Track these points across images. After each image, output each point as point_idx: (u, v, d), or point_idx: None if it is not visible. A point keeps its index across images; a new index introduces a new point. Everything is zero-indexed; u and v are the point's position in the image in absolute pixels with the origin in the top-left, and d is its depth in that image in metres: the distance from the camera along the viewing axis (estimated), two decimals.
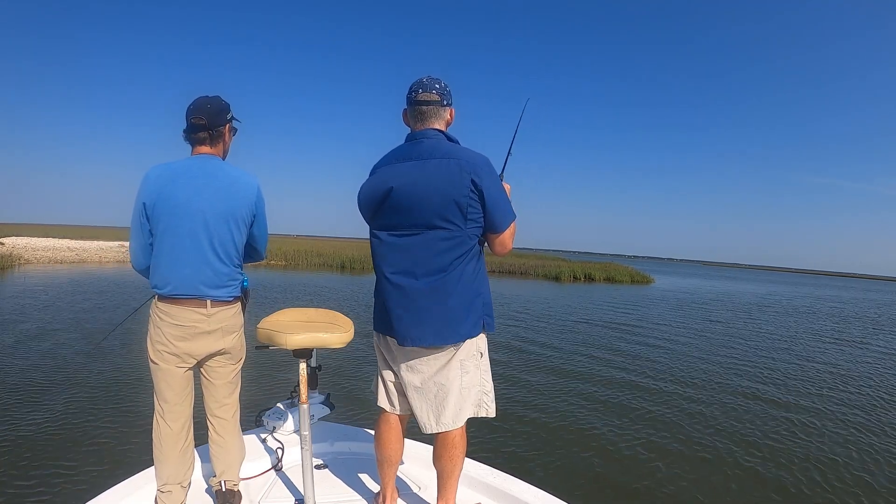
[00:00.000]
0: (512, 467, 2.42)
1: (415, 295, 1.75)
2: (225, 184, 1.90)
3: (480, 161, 1.75)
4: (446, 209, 1.69)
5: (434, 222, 1.71)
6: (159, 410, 1.94)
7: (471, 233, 1.73)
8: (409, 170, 1.76)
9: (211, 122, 1.92)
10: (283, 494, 2.16)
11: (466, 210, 1.69)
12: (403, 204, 1.75)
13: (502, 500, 2.11)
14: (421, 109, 1.81)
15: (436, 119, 1.83)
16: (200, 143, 1.95)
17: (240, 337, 2.04)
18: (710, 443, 5.01)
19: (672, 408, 6.09)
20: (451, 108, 1.88)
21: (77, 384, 5.57)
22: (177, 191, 1.83)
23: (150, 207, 1.83)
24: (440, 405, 1.79)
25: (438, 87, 1.80)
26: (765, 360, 9.40)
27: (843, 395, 7.24)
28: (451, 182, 1.68)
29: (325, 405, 2.74)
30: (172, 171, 1.87)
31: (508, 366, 7.60)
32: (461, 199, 1.68)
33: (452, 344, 1.77)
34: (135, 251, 1.92)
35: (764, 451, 4.87)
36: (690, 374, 7.93)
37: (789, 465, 4.58)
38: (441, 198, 1.69)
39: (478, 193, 1.69)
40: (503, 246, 1.81)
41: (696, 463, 4.51)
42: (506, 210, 1.77)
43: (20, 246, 23.79)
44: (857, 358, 10.46)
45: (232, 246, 1.92)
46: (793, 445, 5.09)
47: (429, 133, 1.81)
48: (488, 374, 1.89)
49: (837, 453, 4.95)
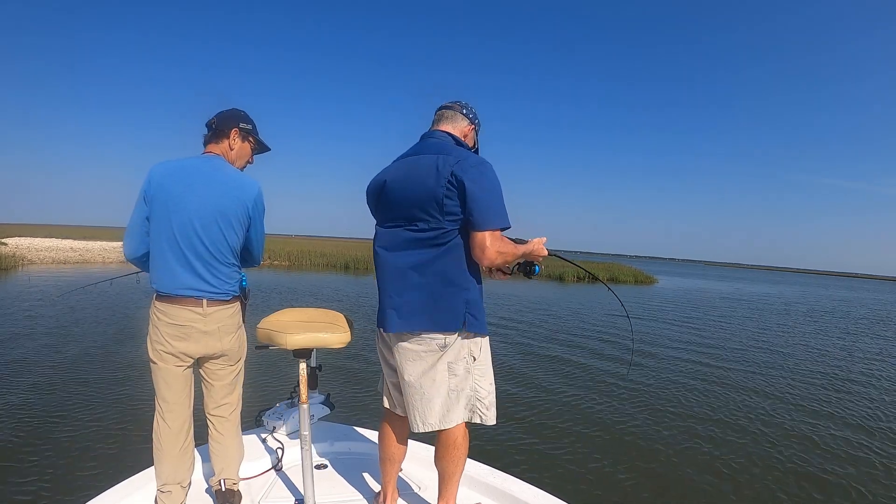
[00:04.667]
0: (512, 467, 2.42)
1: (394, 283, 1.80)
2: (221, 183, 1.91)
3: (472, 159, 1.75)
4: (425, 201, 1.73)
5: (415, 214, 1.76)
6: (159, 410, 1.95)
7: (449, 227, 1.73)
8: (404, 165, 1.83)
9: (218, 124, 2.01)
10: (283, 494, 2.17)
11: (443, 202, 1.70)
12: (393, 197, 1.82)
13: (502, 500, 2.11)
14: (438, 113, 1.96)
15: (449, 122, 1.92)
16: (207, 141, 2.03)
17: (239, 337, 2.04)
18: (711, 443, 5.00)
19: (673, 408, 6.07)
20: (471, 125, 1.96)
21: (77, 384, 5.58)
22: (173, 185, 1.86)
23: (149, 200, 1.87)
24: (426, 405, 1.78)
25: (461, 103, 1.96)
26: (771, 359, 9.37)
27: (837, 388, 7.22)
28: (433, 174, 1.72)
29: (325, 405, 2.74)
30: (173, 167, 1.90)
31: (510, 365, 7.59)
32: (438, 191, 1.70)
33: (428, 332, 1.75)
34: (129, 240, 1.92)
35: (771, 449, 4.87)
36: (693, 374, 7.91)
37: (806, 468, 4.57)
38: (422, 190, 1.73)
39: (457, 186, 1.69)
40: (481, 249, 1.70)
41: (696, 463, 4.50)
42: (487, 210, 1.70)
43: (23, 246, 23.89)
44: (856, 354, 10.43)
45: (224, 244, 1.91)
46: (815, 454, 5.08)
47: (436, 134, 1.89)
48: (484, 379, 1.84)
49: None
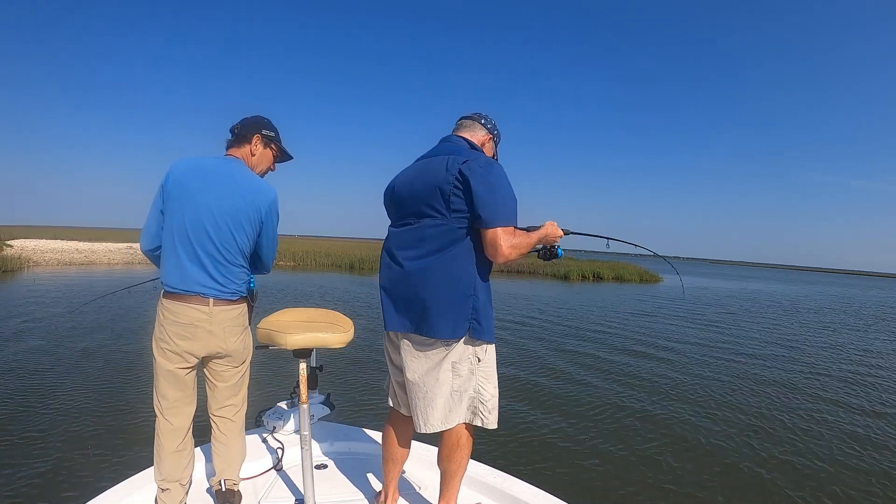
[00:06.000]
0: (512, 467, 2.41)
1: (399, 281, 1.81)
2: (237, 184, 1.93)
3: (481, 159, 1.76)
4: (432, 197, 1.75)
5: (423, 210, 1.78)
6: (158, 407, 1.95)
7: (456, 224, 1.73)
8: (418, 166, 1.87)
9: (241, 129, 2.05)
10: (283, 494, 2.17)
11: (450, 199, 1.72)
12: (403, 194, 1.86)
13: (502, 500, 2.11)
14: (459, 122, 2.02)
15: (467, 130, 1.97)
16: (229, 146, 2.08)
17: (244, 339, 2.04)
18: (712, 442, 4.97)
19: (676, 409, 6.05)
20: (490, 135, 2.00)
21: (78, 384, 5.61)
22: (190, 181, 1.88)
23: (166, 193, 1.89)
24: (429, 405, 1.78)
25: (481, 114, 2.01)
26: (776, 359, 9.32)
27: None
28: (441, 172, 1.75)
29: (325, 405, 2.74)
30: (193, 164, 1.94)
31: (512, 365, 7.58)
32: (445, 187, 1.73)
33: (432, 337, 1.75)
34: (146, 232, 1.95)
35: (771, 448, 4.84)
36: (693, 374, 7.88)
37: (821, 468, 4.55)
38: (430, 187, 1.76)
39: (464, 184, 1.71)
40: (493, 247, 1.71)
41: (697, 463, 4.48)
42: (496, 207, 1.70)
43: (29, 248, 23.96)
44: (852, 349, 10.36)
45: (234, 244, 1.92)
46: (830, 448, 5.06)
47: (453, 138, 1.94)
48: (488, 382, 1.83)
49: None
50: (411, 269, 1.77)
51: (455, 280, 1.73)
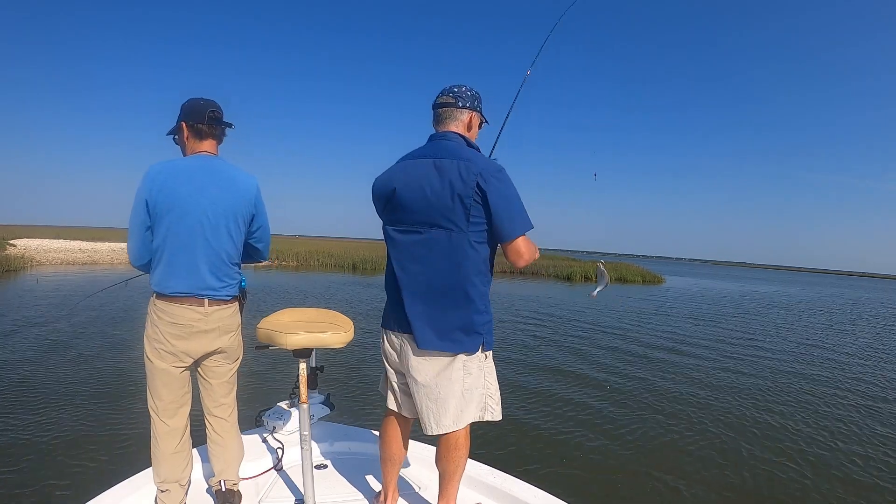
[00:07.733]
0: (512, 467, 2.41)
1: (419, 296, 1.78)
2: (226, 182, 1.91)
3: (492, 167, 1.75)
4: (450, 209, 1.71)
5: (437, 221, 1.73)
6: (154, 408, 1.94)
7: (473, 238, 1.72)
8: (420, 167, 1.79)
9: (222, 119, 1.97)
10: (283, 494, 2.17)
11: (469, 211, 1.70)
12: (409, 200, 1.78)
13: (502, 500, 2.11)
14: (437, 112, 1.89)
15: (451, 121, 1.87)
16: (208, 137, 1.95)
17: (237, 336, 2.05)
18: (712, 442, 4.97)
19: (676, 409, 6.04)
20: (472, 112, 1.89)
21: (78, 384, 5.62)
22: (179, 187, 1.83)
23: (151, 204, 1.83)
24: (441, 407, 1.77)
25: (455, 91, 1.86)
26: (780, 362, 9.31)
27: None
28: (457, 182, 1.70)
29: (325, 405, 2.74)
30: (174, 168, 1.87)
31: (513, 365, 7.58)
32: (466, 200, 1.69)
33: (446, 352, 1.77)
34: (134, 249, 1.90)
35: (771, 446, 4.83)
36: (698, 374, 7.87)
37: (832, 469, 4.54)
38: (446, 197, 1.71)
39: (482, 197, 1.69)
40: (517, 254, 1.75)
41: (697, 463, 4.47)
42: (513, 217, 1.72)
43: (32, 248, 24.00)
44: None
45: (231, 245, 1.93)
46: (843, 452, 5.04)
47: (448, 135, 1.85)
48: (493, 376, 1.88)
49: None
50: (423, 280, 1.76)
51: (467, 295, 1.74)
